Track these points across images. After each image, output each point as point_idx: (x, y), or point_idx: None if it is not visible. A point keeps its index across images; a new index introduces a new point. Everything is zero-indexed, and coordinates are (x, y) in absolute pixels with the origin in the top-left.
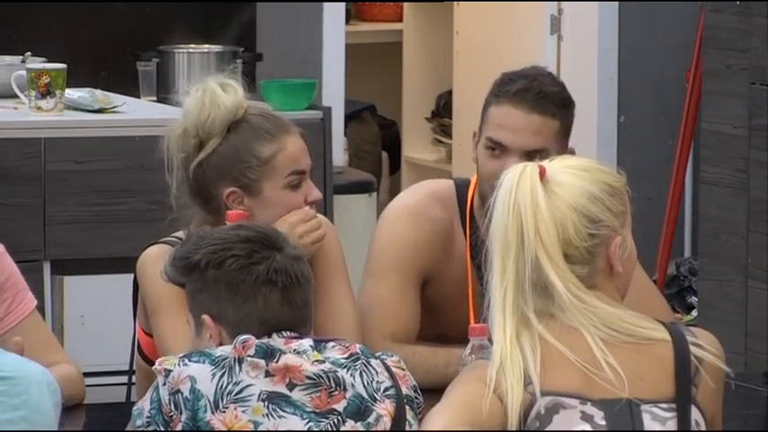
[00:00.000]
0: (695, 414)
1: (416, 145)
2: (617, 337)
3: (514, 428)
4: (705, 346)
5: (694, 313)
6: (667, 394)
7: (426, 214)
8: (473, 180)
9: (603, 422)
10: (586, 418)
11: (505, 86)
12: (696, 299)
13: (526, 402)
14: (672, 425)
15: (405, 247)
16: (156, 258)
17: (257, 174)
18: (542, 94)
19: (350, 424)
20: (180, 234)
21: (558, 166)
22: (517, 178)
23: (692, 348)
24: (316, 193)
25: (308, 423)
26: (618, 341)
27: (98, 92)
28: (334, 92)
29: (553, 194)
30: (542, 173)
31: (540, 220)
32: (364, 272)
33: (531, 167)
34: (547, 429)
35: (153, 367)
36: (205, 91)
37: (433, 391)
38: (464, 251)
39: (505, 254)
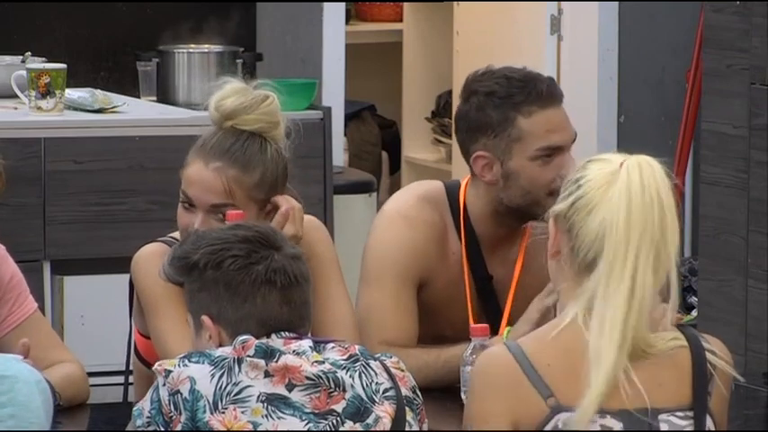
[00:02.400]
0: (708, 422)
1: (416, 145)
2: (640, 354)
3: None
4: (718, 353)
5: (694, 313)
6: (684, 401)
7: (419, 218)
8: (464, 182)
9: None
10: (606, 430)
11: (523, 95)
12: (696, 299)
13: (543, 416)
14: None
15: (400, 252)
16: (150, 257)
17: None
18: (552, 85)
19: (349, 425)
20: (175, 234)
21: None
22: (642, 172)
23: (707, 355)
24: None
25: (307, 424)
26: (640, 355)
27: (98, 92)
28: (334, 92)
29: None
30: None
31: (668, 222)
32: (360, 279)
33: (647, 162)
34: None
35: (153, 368)
36: (266, 97)
37: (431, 391)
38: (458, 252)
39: (641, 249)
